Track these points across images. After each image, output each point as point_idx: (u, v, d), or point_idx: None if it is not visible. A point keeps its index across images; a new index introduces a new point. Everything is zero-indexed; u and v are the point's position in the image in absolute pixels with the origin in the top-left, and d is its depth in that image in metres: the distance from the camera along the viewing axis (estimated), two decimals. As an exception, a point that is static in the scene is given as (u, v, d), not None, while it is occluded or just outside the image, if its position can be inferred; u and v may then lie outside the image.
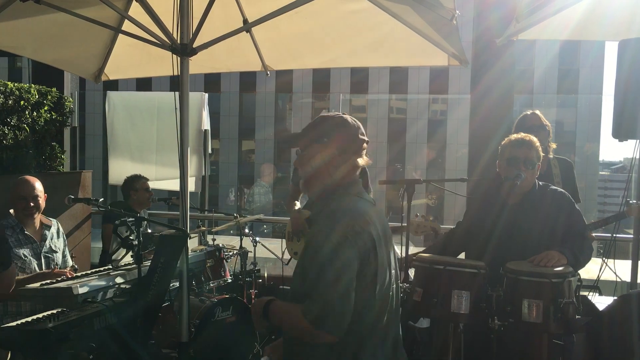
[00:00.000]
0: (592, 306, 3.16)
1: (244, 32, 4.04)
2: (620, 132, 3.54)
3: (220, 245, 4.58)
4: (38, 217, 3.72)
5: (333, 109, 34.32)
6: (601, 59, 34.59)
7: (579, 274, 2.83)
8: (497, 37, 4.45)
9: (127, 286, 3.21)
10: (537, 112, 3.93)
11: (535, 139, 3.10)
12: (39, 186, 3.68)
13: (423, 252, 3.21)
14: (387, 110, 35.93)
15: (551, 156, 3.87)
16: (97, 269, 3.36)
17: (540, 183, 3.15)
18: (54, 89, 5.28)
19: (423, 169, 34.02)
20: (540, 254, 2.79)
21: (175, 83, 3.59)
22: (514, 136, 3.14)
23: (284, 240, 4.65)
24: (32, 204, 3.62)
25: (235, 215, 4.91)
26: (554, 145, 3.89)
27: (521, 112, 4.10)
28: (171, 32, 3.48)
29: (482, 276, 2.73)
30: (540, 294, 2.58)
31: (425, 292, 2.71)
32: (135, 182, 4.99)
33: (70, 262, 3.91)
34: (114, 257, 3.55)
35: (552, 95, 34.37)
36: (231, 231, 5.35)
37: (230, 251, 4.67)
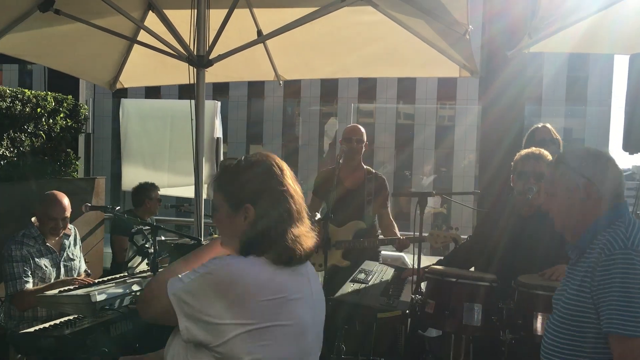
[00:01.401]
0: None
1: (257, 41, 4.10)
2: (630, 145, 3.56)
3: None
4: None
5: (341, 115, 34.39)
6: (610, 67, 34.52)
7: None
8: (507, 45, 4.50)
9: (143, 294, 3.26)
10: (548, 125, 3.95)
11: (546, 153, 3.13)
12: (68, 205, 3.72)
13: (435, 264, 3.25)
14: (395, 116, 35.95)
15: None
16: (114, 276, 3.42)
17: None
18: (69, 97, 5.37)
19: (430, 175, 34.01)
20: (551, 267, 2.83)
21: (187, 91, 3.66)
22: (524, 151, 3.18)
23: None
24: (61, 225, 3.69)
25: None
26: None
27: (530, 120, 4.12)
28: (188, 43, 3.55)
29: (494, 289, 2.76)
30: (551, 308, 2.61)
31: (437, 304, 2.75)
32: (152, 191, 5.16)
33: (84, 267, 3.98)
34: (129, 264, 3.62)
35: (561, 102, 34.27)
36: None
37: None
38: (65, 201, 3.71)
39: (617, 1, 3.41)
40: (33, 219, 3.72)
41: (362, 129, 4.51)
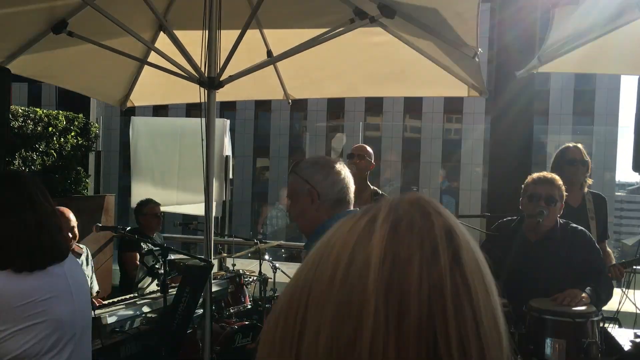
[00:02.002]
0: (615, 343, 3.16)
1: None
2: (640, 165, 3.55)
3: (241, 271, 4.63)
4: (72, 247, 3.81)
5: (348, 130, 34.43)
6: (617, 79, 34.45)
7: (601, 313, 2.84)
8: (515, 60, 4.53)
9: (154, 315, 3.27)
10: (580, 145, 3.88)
11: (557, 177, 3.13)
12: (73, 217, 3.77)
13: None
14: (402, 130, 35.97)
15: (586, 191, 3.87)
16: (124, 297, 3.43)
17: (562, 221, 3.18)
18: (80, 115, 5.42)
19: (436, 189, 33.91)
20: (564, 292, 2.81)
21: (195, 108, 3.69)
22: (535, 174, 3.18)
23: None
24: (70, 236, 3.72)
25: (255, 240, 4.96)
26: (590, 181, 3.89)
27: (537, 135, 4.11)
28: (199, 64, 3.57)
29: (505, 314, 2.74)
30: (564, 334, 2.60)
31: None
32: (143, 207, 4.95)
33: (96, 287, 3.99)
34: (139, 285, 3.63)
35: (568, 116, 34.21)
36: (249, 254, 5.41)
37: (250, 277, 4.72)
38: (70, 214, 3.75)
39: (625, 22, 3.42)
40: None
41: (368, 148, 4.49)
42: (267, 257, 5.01)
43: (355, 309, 0.58)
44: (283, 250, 6.47)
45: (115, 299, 3.41)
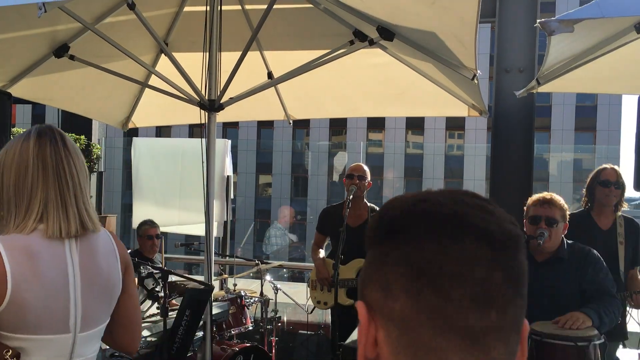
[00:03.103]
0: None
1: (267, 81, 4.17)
2: (642, 184, 3.54)
3: (242, 292, 4.62)
4: None
5: (350, 147, 34.51)
6: (618, 97, 34.49)
7: (604, 337, 2.80)
8: (516, 83, 4.54)
9: (154, 339, 3.25)
10: (616, 167, 3.82)
11: (558, 198, 3.12)
12: None
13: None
14: (404, 146, 36.01)
15: (619, 214, 3.83)
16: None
17: (569, 242, 3.16)
18: (82, 137, 5.44)
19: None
20: (565, 315, 2.79)
21: (198, 128, 3.70)
22: (535, 196, 3.17)
23: (303, 285, 4.68)
24: None
25: (257, 261, 4.95)
26: (625, 206, 3.84)
27: (538, 151, 4.10)
28: (199, 87, 3.59)
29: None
30: (566, 358, 2.58)
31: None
32: (139, 229, 4.99)
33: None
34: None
35: (570, 131, 34.23)
36: (251, 274, 5.40)
37: (251, 298, 4.70)
38: None
39: (622, 44, 3.43)
40: None
41: (365, 167, 4.51)
42: (268, 277, 4.99)
43: (24, 166, 1.55)
44: (285, 270, 6.45)
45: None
